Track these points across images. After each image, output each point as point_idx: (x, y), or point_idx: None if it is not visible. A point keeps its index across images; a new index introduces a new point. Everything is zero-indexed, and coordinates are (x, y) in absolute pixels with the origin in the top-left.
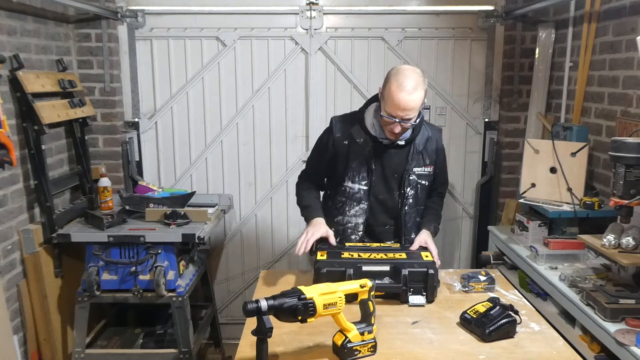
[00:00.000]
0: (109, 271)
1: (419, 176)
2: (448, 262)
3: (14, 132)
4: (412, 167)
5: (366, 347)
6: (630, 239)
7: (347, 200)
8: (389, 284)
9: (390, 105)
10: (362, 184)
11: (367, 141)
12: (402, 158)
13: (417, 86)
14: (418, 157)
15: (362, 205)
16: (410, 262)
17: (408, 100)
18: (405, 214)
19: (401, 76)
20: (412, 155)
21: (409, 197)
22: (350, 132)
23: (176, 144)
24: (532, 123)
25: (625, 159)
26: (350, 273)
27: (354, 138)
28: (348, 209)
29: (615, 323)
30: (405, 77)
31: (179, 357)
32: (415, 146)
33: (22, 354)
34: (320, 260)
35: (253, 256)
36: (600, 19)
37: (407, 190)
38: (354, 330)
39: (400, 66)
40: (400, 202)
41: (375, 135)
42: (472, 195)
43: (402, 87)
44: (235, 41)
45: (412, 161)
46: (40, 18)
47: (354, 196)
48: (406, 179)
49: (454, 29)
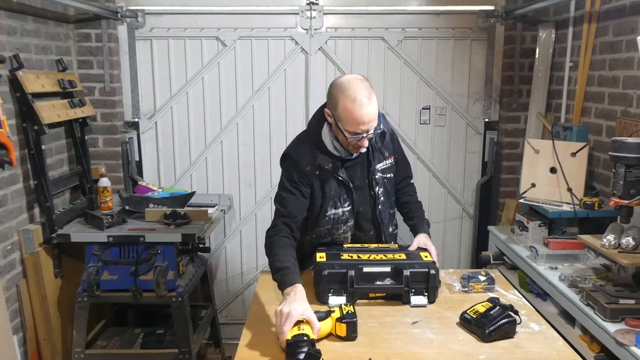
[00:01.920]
0: (109, 271)
1: (383, 171)
2: (448, 262)
3: (14, 132)
4: (375, 165)
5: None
6: (630, 239)
7: (334, 225)
8: (390, 285)
9: (352, 123)
10: (344, 205)
11: (335, 164)
12: (364, 162)
13: (371, 94)
14: (378, 154)
15: (349, 224)
16: (411, 262)
17: (369, 112)
18: (380, 213)
19: (351, 91)
20: (372, 155)
21: (380, 195)
22: (317, 162)
23: (176, 144)
24: (532, 123)
25: (625, 159)
26: (352, 275)
27: (323, 166)
28: (335, 231)
29: (615, 323)
30: (356, 91)
31: (178, 357)
32: (373, 145)
33: (22, 354)
34: (320, 262)
35: (253, 256)
36: (601, 19)
37: (376, 190)
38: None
39: (340, 80)
40: (373, 202)
41: (340, 155)
42: (472, 195)
43: (358, 101)
44: (235, 41)
45: (374, 160)
46: (40, 18)
47: (340, 219)
48: (373, 179)
49: (454, 29)
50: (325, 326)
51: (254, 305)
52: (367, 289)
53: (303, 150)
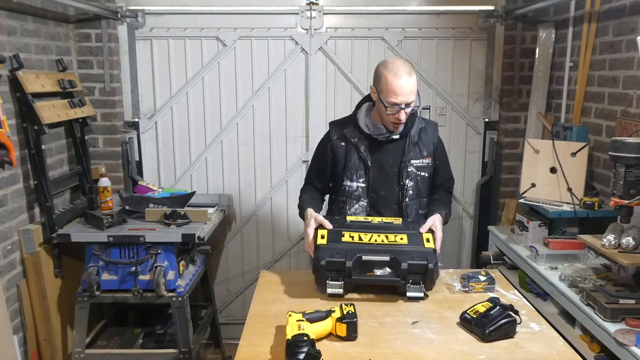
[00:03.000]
0: (109, 271)
1: (418, 168)
2: (448, 262)
3: (14, 132)
4: (410, 158)
5: None
6: (630, 239)
7: (347, 199)
8: (387, 277)
9: (392, 93)
10: (359, 181)
11: (361, 140)
12: (399, 151)
13: (411, 70)
14: (414, 148)
15: (362, 203)
16: (411, 250)
17: (408, 83)
18: (407, 206)
19: (393, 65)
20: (408, 147)
21: (409, 188)
22: (344, 133)
23: (176, 144)
24: (532, 123)
25: (625, 159)
26: (350, 266)
27: (349, 138)
28: (348, 207)
29: (615, 323)
30: (397, 65)
31: (178, 357)
32: (411, 138)
33: (22, 354)
34: (320, 246)
35: (253, 256)
36: (601, 19)
37: (406, 182)
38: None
39: (386, 59)
40: (401, 194)
41: (369, 133)
42: (472, 195)
43: (398, 74)
44: (235, 41)
45: (409, 153)
46: (40, 18)
47: (353, 194)
48: (404, 171)
49: (454, 29)
50: (325, 326)
51: (254, 305)
52: (364, 280)
53: (339, 122)
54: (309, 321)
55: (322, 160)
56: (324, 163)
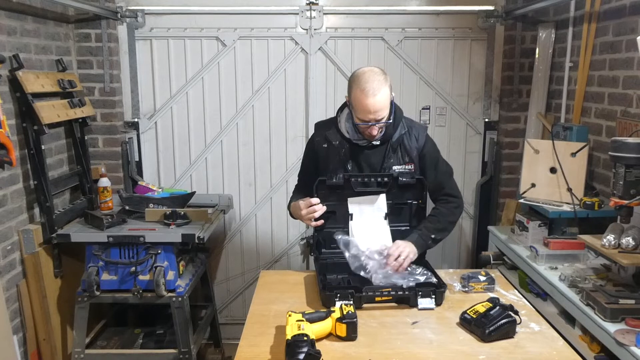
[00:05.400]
0: (109, 271)
1: (400, 174)
2: (448, 262)
3: (14, 132)
4: (390, 165)
5: None
6: (630, 239)
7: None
8: (399, 291)
9: (360, 111)
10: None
11: (342, 143)
12: (379, 157)
13: (380, 86)
14: (395, 155)
15: None
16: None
17: (375, 102)
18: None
19: (362, 81)
20: (388, 154)
21: None
22: (326, 135)
23: (176, 144)
24: (532, 123)
25: (625, 159)
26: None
27: (331, 141)
28: None
29: (615, 323)
30: (366, 81)
31: (178, 357)
32: (391, 144)
33: (22, 354)
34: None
35: (253, 256)
36: (600, 19)
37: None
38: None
39: (358, 71)
40: None
41: (349, 138)
42: (472, 195)
43: (366, 91)
44: (235, 41)
45: (389, 159)
46: (40, 18)
47: None
48: None
49: (454, 29)
50: (325, 326)
51: (254, 305)
52: (373, 296)
53: (323, 124)
54: (308, 321)
55: (308, 161)
56: (310, 164)
